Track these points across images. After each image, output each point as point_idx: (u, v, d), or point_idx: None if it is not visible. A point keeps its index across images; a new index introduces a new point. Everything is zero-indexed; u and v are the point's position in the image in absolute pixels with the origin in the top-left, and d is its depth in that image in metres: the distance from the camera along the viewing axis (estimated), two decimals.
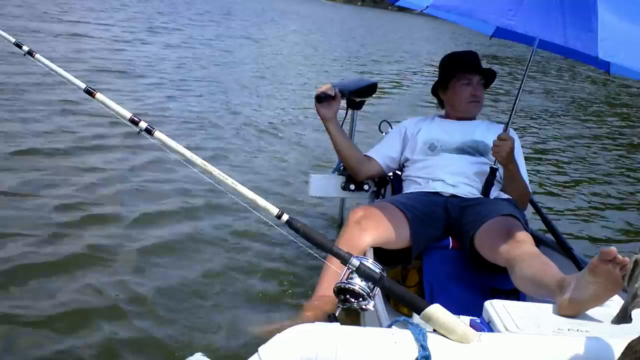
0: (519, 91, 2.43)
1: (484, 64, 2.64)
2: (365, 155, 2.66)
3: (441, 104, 2.70)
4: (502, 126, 2.50)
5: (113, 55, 8.02)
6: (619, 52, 1.74)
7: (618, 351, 1.18)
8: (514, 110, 2.41)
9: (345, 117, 2.97)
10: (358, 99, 2.94)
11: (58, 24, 9.99)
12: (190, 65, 8.36)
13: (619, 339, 1.23)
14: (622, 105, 11.59)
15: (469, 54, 2.64)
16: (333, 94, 2.52)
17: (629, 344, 1.05)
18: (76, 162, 3.63)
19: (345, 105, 2.93)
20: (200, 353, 1.19)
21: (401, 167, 2.66)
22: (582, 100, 11.19)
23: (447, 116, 2.66)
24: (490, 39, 3.14)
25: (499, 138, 2.28)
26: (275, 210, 1.35)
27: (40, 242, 2.55)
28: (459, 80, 2.55)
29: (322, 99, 2.52)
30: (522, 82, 2.46)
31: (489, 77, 2.60)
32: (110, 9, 14.18)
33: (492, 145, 2.31)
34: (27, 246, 2.50)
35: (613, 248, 1.42)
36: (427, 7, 1.84)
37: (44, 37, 8.28)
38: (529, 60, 2.48)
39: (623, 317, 1.15)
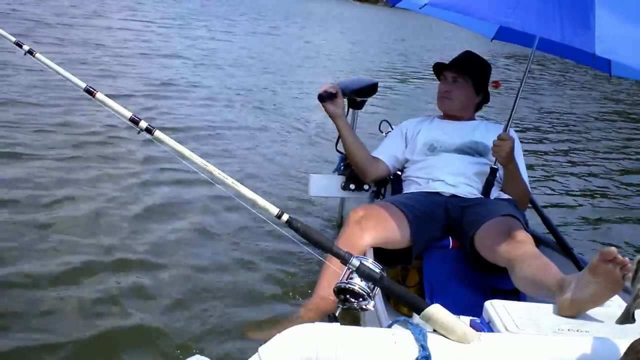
0: (518, 91, 2.43)
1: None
2: (371, 156, 2.63)
3: None
4: (501, 126, 2.50)
5: (171, 44, 9.46)
6: (617, 49, 1.75)
7: (619, 351, 1.18)
8: (513, 111, 2.41)
9: (347, 115, 2.94)
10: (359, 99, 2.93)
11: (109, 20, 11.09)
12: (223, 54, 9.40)
13: (619, 339, 1.23)
14: (624, 104, 11.60)
15: (461, 54, 2.67)
16: (334, 92, 2.52)
17: (631, 345, 1.05)
18: (76, 159, 3.64)
19: (347, 105, 2.91)
20: (200, 355, 1.18)
21: (401, 168, 2.66)
22: (583, 101, 11.18)
23: (445, 116, 2.67)
24: (491, 41, 3.14)
25: (499, 138, 2.29)
26: (275, 210, 1.35)
27: (37, 240, 2.56)
28: (440, 77, 2.64)
29: (324, 98, 2.52)
30: (522, 82, 2.46)
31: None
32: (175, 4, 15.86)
33: (492, 145, 2.31)
34: (24, 242, 2.51)
35: (613, 248, 1.42)
36: (424, 5, 1.83)
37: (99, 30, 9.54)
38: (529, 62, 2.48)
39: (626, 317, 1.15)
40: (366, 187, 2.81)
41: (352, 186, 2.81)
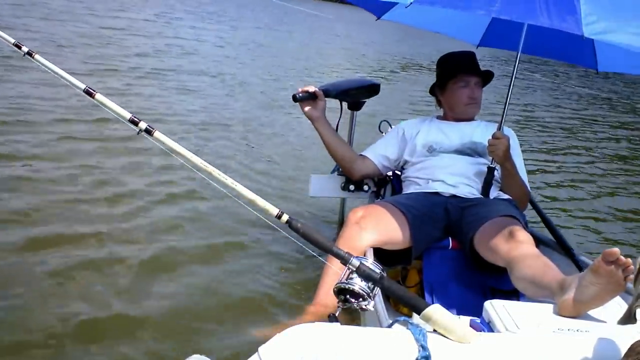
0: (508, 92, 2.42)
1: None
2: (360, 154, 2.65)
3: (439, 103, 2.69)
4: None
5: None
6: (604, 29, 1.76)
7: (619, 351, 1.18)
8: (505, 110, 2.41)
9: (340, 117, 2.88)
10: (358, 100, 2.90)
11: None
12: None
13: (619, 339, 1.23)
14: (624, 103, 11.60)
15: (466, 55, 2.61)
16: (312, 92, 2.49)
17: (632, 346, 1.05)
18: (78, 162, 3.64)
19: (343, 106, 2.87)
20: (199, 354, 1.18)
21: (400, 169, 2.66)
22: (584, 100, 11.19)
23: (445, 117, 2.65)
24: (477, 48, 3.11)
25: (494, 137, 2.29)
26: (275, 211, 1.35)
27: (33, 237, 2.56)
28: (457, 82, 2.53)
29: (297, 99, 2.47)
30: (510, 83, 2.43)
31: (486, 77, 2.60)
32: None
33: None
34: (21, 239, 2.51)
35: (616, 249, 1.41)
36: (410, 3, 1.83)
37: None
38: (515, 65, 2.46)
39: (628, 318, 1.14)
40: (366, 187, 2.80)
41: (351, 187, 2.80)
